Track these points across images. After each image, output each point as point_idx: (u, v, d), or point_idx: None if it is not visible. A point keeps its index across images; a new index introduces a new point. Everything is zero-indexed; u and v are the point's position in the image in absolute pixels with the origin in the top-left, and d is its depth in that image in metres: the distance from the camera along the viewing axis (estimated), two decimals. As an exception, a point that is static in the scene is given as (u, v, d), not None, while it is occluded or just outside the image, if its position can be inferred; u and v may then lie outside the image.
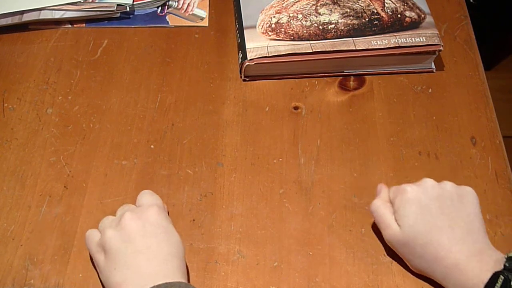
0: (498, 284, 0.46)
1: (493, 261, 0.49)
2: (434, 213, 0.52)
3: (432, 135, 0.65)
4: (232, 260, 0.56)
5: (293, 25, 0.70)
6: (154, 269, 0.49)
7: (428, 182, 0.54)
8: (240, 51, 0.70)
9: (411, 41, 0.68)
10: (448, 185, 0.54)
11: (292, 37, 0.69)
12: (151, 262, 0.49)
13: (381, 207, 0.55)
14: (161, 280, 0.48)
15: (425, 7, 0.72)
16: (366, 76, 0.70)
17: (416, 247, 0.52)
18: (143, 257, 0.49)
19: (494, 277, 0.47)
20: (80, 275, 0.55)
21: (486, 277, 0.48)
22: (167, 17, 0.76)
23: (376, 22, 0.70)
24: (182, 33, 0.75)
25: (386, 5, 0.71)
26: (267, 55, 0.68)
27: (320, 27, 0.70)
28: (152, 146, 0.64)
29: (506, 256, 0.49)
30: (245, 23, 0.72)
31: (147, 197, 0.56)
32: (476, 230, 0.52)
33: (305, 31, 0.69)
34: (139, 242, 0.50)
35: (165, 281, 0.47)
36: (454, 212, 0.52)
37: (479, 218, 0.53)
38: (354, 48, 0.68)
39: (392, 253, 0.56)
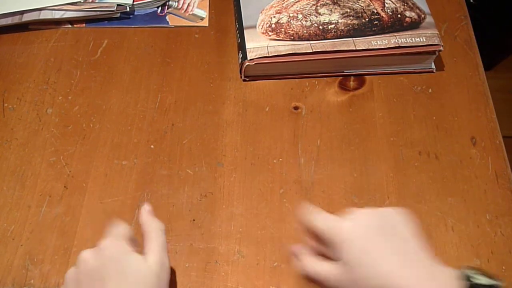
0: None
1: (446, 278, 0.46)
2: (375, 244, 0.48)
3: (432, 135, 0.65)
4: (232, 260, 0.56)
5: (293, 25, 0.70)
6: None
7: (358, 213, 0.50)
8: (240, 51, 0.70)
9: (411, 41, 0.68)
10: (376, 213, 0.50)
11: (292, 37, 0.69)
12: None
13: (308, 265, 0.50)
14: None
15: (425, 7, 0.72)
16: (366, 76, 0.70)
17: (365, 284, 0.47)
18: None
19: None
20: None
21: None
22: (167, 17, 0.76)
23: (376, 22, 0.70)
24: (182, 33, 0.75)
25: (386, 5, 0.71)
26: (267, 55, 0.68)
27: (320, 27, 0.70)
28: (152, 146, 0.64)
29: (462, 273, 0.46)
30: (245, 23, 0.72)
31: (111, 229, 0.52)
32: (418, 251, 0.48)
33: (305, 31, 0.69)
34: (97, 273, 0.47)
35: None
36: (391, 239, 0.48)
37: (416, 238, 0.49)
38: (354, 48, 0.68)
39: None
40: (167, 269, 0.50)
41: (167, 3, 0.78)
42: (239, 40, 0.72)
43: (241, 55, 0.69)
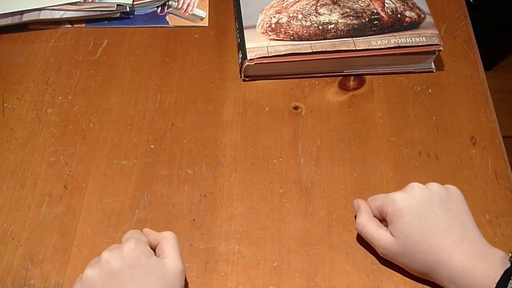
0: None
1: (499, 259, 0.48)
2: (428, 218, 0.51)
3: (432, 135, 0.65)
4: (232, 260, 0.56)
5: (293, 25, 0.70)
6: None
7: (415, 187, 0.53)
8: (240, 51, 0.70)
9: (411, 41, 0.68)
10: (434, 186, 0.53)
11: (292, 37, 0.69)
12: None
13: (367, 225, 0.55)
14: None
15: (425, 7, 0.72)
16: (366, 76, 0.70)
17: (416, 255, 0.51)
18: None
19: (506, 274, 0.46)
20: (80, 275, 0.55)
21: (496, 275, 0.47)
22: (167, 17, 0.76)
23: (376, 22, 0.70)
24: (182, 33, 0.75)
25: (386, 5, 0.71)
26: (267, 55, 0.68)
27: (320, 27, 0.70)
28: (152, 146, 0.64)
29: (511, 254, 0.49)
30: (245, 23, 0.72)
31: (128, 233, 0.53)
32: (471, 228, 0.51)
33: (305, 31, 0.69)
34: (121, 276, 0.48)
35: None
36: (446, 213, 0.51)
37: (469, 216, 0.52)
38: (354, 48, 0.68)
39: (392, 253, 0.56)
40: (183, 273, 0.51)
41: (167, 3, 0.78)
42: (239, 40, 0.72)
43: (241, 55, 0.69)
